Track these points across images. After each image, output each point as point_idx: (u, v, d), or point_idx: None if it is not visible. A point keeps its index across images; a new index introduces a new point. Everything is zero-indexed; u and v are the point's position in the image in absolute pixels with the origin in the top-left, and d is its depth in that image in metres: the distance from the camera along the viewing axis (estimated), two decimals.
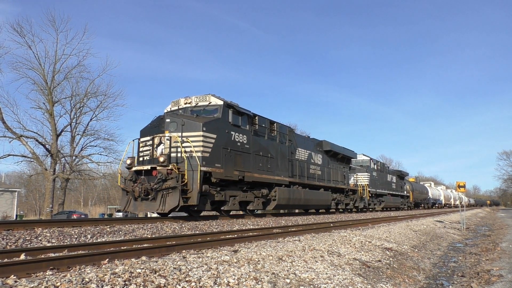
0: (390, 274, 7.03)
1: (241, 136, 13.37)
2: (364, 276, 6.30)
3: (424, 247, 11.92)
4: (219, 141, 12.12)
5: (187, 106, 13.12)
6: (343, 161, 23.99)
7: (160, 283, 3.96)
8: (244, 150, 13.41)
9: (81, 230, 7.59)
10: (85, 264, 4.76)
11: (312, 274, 5.58)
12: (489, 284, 6.23)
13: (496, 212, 57.84)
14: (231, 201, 12.94)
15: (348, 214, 23.63)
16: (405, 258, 9.16)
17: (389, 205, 32.90)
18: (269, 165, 14.91)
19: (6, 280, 3.71)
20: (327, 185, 20.60)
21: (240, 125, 13.44)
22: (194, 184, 11.01)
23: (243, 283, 4.49)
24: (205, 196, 11.74)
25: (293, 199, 16.28)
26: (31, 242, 6.30)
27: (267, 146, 15.05)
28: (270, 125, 15.82)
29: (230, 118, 12.89)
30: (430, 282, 7.47)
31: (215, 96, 12.98)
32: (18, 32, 30.71)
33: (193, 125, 11.65)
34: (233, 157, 12.72)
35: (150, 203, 10.82)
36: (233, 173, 12.66)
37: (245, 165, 13.38)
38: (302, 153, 18.58)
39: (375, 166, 30.45)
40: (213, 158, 11.80)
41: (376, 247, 9.16)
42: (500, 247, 10.81)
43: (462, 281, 7.32)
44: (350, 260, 7.04)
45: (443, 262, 10.06)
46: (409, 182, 42.88)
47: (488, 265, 7.99)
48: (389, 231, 12.56)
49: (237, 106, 13.35)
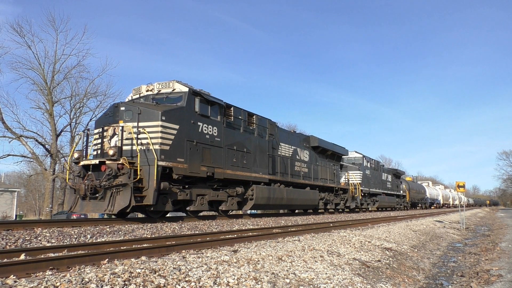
0: (390, 274, 7.04)
1: (210, 128, 11.99)
2: (363, 276, 6.31)
3: (423, 247, 11.92)
4: (182, 132, 10.82)
5: (148, 93, 11.78)
6: (333, 158, 22.65)
7: (159, 283, 3.96)
8: (214, 144, 12.08)
9: (81, 230, 7.59)
10: (85, 264, 4.76)
11: (312, 274, 5.58)
12: (488, 284, 6.24)
13: (495, 212, 57.89)
14: (199, 201, 11.63)
15: (344, 214, 23.50)
16: (405, 258, 9.17)
17: (383, 205, 31.65)
18: (245, 161, 13.57)
19: (5, 280, 3.71)
20: (314, 184, 19.18)
21: (210, 116, 12.07)
22: (150, 181, 9.79)
23: (243, 283, 4.49)
24: (165, 194, 10.49)
25: (273, 199, 15.07)
26: (30, 242, 6.30)
27: (243, 139, 13.71)
28: (248, 118, 14.57)
29: (197, 107, 11.49)
30: (430, 282, 7.48)
31: (180, 83, 11.63)
32: (18, 32, 30.69)
33: (151, 114, 10.35)
34: (200, 151, 11.41)
35: (98, 202, 9.53)
36: (200, 169, 11.35)
37: (216, 160, 12.06)
38: (285, 148, 17.29)
39: (369, 164, 29.03)
40: (175, 151, 10.54)
41: (375, 247, 9.17)
42: (499, 247, 10.82)
43: (462, 281, 7.33)
44: (350, 260, 7.05)
45: (443, 262, 10.07)
46: (405, 181, 41.81)
47: (488, 265, 8.00)
48: (388, 231, 12.57)
49: (205, 94, 11.98)
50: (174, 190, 10.70)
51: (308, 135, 20.68)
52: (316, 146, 20.29)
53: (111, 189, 9.46)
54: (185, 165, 10.86)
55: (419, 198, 46.80)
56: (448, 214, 33.47)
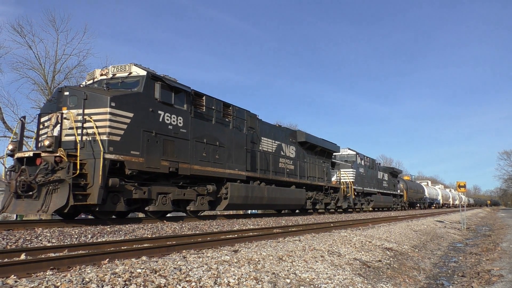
0: (391, 274, 7.03)
1: (174, 117, 10.79)
2: (364, 276, 6.30)
3: (424, 247, 11.91)
4: (138, 121, 9.68)
5: (103, 78, 10.54)
6: (322, 155, 21.30)
7: (160, 283, 3.96)
8: (179, 136, 10.87)
9: (81, 230, 7.59)
10: (86, 264, 4.76)
11: (313, 274, 5.57)
12: (489, 284, 6.23)
13: (496, 212, 57.83)
14: (160, 200, 10.48)
15: (345, 214, 23.42)
16: (406, 258, 9.16)
17: (379, 205, 30.15)
18: (217, 156, 12.33)
19: (6, 280, 3.71)
20: (300, 182, 17.82)
21: (174, 104, 10.89)
22: (96, 176, 8.59)
23: (243, 283, 4.49)
24: (116, 192, 9.35)
25: (252, 198, 13.84)
26: (31, 242, 6.30)
27: (216, 132, 12.46)
28: (224, 108, 13.37)
29: (157, 94, 10.34)
30: (431, 282, 7.47)
31: (138, 66, 10.49)
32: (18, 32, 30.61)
33: (99, 100, 9.14)
34: (161, 143, 10.25)
35: (32, 202, 8.31)
36: (161, 164, 10.19)
37: (180, 154, 10.85)
38: (268, 143, 15.99)
39: (363, 162, 27.57)
40: (128, 143, 9.40)
41: (376, 247, 9.16)
42: (500, 247, 10.80)
43: (463, 281, 7.32)
44: (351, 260, 7.04)
45: (444, 262, 10.05)
46: (403, 180, 40.47)
47: (489, 265, 7.98)
48: (389, 231, 12.55)
49: (169, 80, 10.84)
50: (128, 188, 9.56)
51: (295, 129, 19.21)
52: (303, 142, 19.04)
53: (46, 186, 8.28)
54: (141, 158, 9.67)
55: (417, 198, 45.49)
56: (449, 214, 33.43)
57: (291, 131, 18.96)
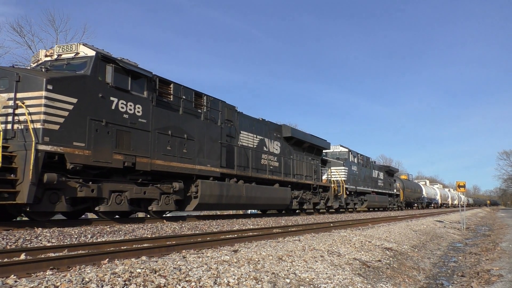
0: (390, 274, 7.04)
1: (131, 105, 9.66)
2: (364, 276, 6.30)
3: (424, 247, 11.92)
4: (83, 108, 8.50)
5: (47, 59, 9.46)
6: (311, 152, 20.05)
7: (160, 283, 3.96)
8: (137, 126, 9.77)
9: (81, 230, 7.59)
10: (85, 264, 4.76)
11: (312, 274, 5.58)
12: (489, 284, 6.23)
13: (496, 212, 57.88)
14: (114, 199, 9.30)
15: (345, 214, 23.40)
16: (405, 258, 9.17)
17: (373, 204, 28.79)
18: (185, 150, 11.17)
19: (6, 280, 3.71)
20: (284, 180, 16.60)
21: (131, 90, 9.76)
22: (26, 171, 7.46)
23: (243, 283, 4.49)
24: (55, 190, 8.19)
25: (228, 197, 12.67)
26: (31, 242, 6.30)
27: (184, 124, 11.30)
28: (196, 98, 12.26)
29: (108, 78, 9.14)
30: (430, 282, 7.47)
31: (87, 46, 9.34)
32: (18, 32, 30.62)
33: (33, 82, 8.01)
34: (113, 134, 9.12)
35: None
36: (113, 157, 9.05)
37: (139, 146, 9.75)
38: (248, 138, 14.83)
39: (356, 159, 26.36)
40: (69, 133, 8.24)
41: (376, 247, 9.16)
42: (500, 247, 10.81)
43: (462, 281, 7.32)
44: (350, 260, 7.05)
45: (443, 262, 10.06)
46: (399, 179, 39.19)
47: (488, 265, 7.99)
48: (389, 231, 12.56)
49: (124, 62, 9.67)
50: (71, 185, 8.37)
51: (280, 124, 17.84)
52: (289, 137, 17.73)
53: None
54: (87, 151, 8.52)
55: (414, 198, 44.33)
56: (448, 214, 33.45)
57: (275, 126, 17.52)
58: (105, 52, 9.50)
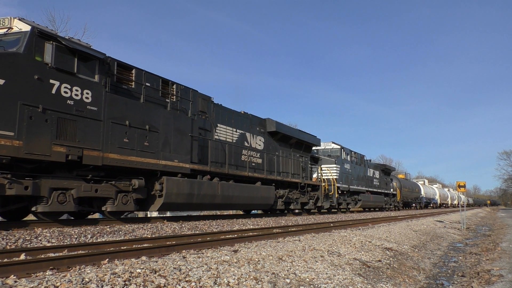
0: (390, 274, 7.03)
1: (78, 90, 8.44)
2: (364, 276, 6.30)
3: (424, 247, 11.91)
4: (12, 91, 7.30)
5: None
6: (299, 149, 18.78)
7: (160, 283, 3.96)
8: (85, 114, 8.54)
9: (81, 230, 7.58)
10: (85, 264, 4.76)
11: (312, 274, 5.57)
12: (489, 284, 6.23)
13: (496, 212, 57.86)
14: (55, 197, 8.13)
15: (345, 214, 23.37)
16: (405, 258, 9.16)
17: (368, 204, 27.56)
18: (146, 143, 9.98)
19: (6, 280, 3.71)
20: (267, 178, 15.29)
21: (78, 73, 8.53)
22: None
23: (243, 283, 4.49)
24: None
25: (199, 196, 11.42)
26: (31, 242, 6.30)
27: (145, 113, 10.07)
28: (163, 86, 11.09)
29: (48, 57, 7.97)
30: (430, 282, 7.47)
31: (22, 20, 8.12)
32: None
33: None
34: (53, 122, 7.90)
35: None
36: (52, 150, 7.85)
37: (87, 138, 8.53)
38: (227, 132, 13.70)
39: (349, 157, 25.08)
40: None
41: (376, 247, 9.16)
42: (500, 247, 10.81)
43: (463, 281, 7.32)
44: (350, 260, 7.04)
45: (444, 262, 10.06)
46: (396, 179, 38.00)
47: (489, 265, 7.99)
48: (389, 231, 12.56)
49: (69, 41, 8.50)
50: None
51: (263, 118, 16.41)
52: (274, 132, 16.36)
53: None
54: (17, 141, 7.30)
55: (412, 197, 43.15)
56: (448, 214, 33.44)
57: (259, 119, 16.01)
58: (44, 27, 8.37)
